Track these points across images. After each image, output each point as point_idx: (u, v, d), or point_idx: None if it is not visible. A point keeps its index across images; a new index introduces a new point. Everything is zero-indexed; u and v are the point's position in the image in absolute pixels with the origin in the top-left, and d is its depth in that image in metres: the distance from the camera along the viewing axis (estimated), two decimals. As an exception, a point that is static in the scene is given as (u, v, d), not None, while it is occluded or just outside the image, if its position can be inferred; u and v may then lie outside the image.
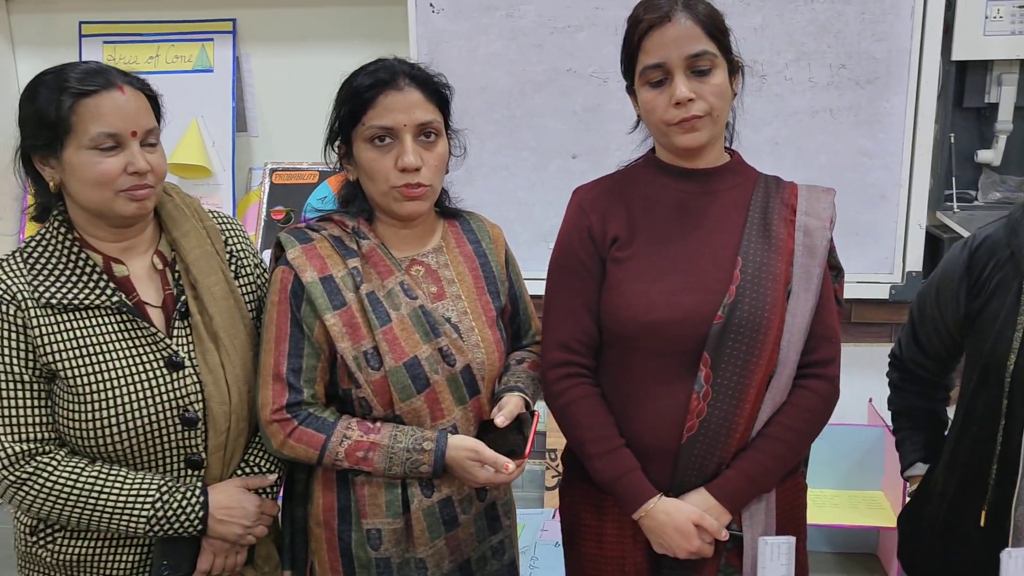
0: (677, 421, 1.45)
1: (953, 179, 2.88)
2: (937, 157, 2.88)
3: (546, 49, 2.89)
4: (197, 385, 1.44)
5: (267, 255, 1.61)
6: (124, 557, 1.46)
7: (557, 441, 3.15)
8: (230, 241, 1.57)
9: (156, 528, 1.40)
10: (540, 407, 1.57)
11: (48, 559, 1.46)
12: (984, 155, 2.87)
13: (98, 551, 1.45)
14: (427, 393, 1.46)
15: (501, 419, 1.45)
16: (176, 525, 1.41)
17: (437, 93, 1.49)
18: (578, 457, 1.53)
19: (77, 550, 1.44)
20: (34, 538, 1.46)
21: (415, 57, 2.94)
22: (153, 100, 1.45)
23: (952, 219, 2.85)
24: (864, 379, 2.91)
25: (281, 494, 1.59)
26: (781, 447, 1.47)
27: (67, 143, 1.37)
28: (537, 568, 2.64)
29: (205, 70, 3.18)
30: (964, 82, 2.83)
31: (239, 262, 1.56)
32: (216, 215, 1.58)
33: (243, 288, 1.55)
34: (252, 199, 3.24)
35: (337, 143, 1.52)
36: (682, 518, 1.43)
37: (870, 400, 3.05)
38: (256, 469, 1.53)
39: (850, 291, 2.95)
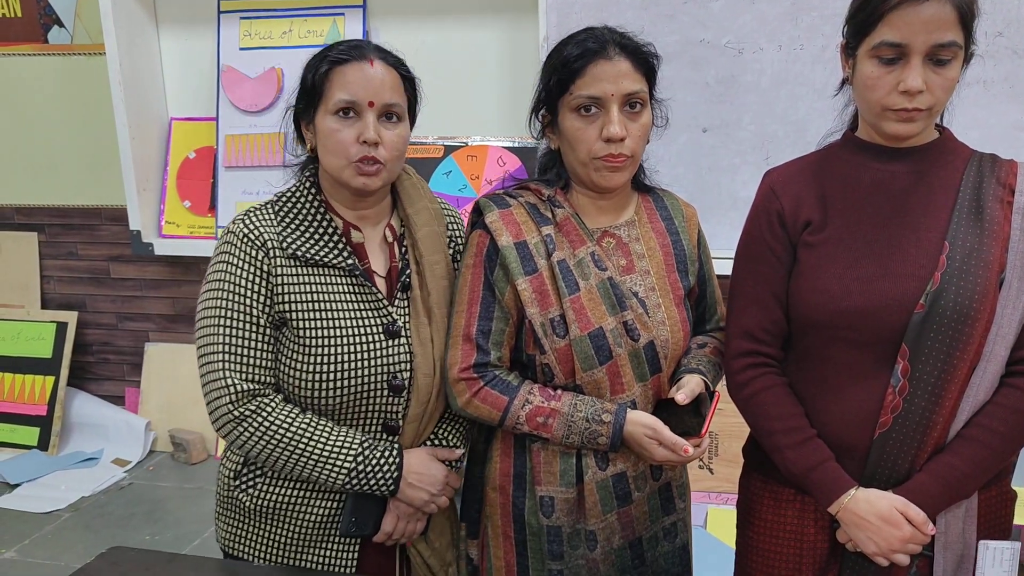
0: (870, 416, 1.37)
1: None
2: (1103, 132, 2.68)
3: (678, 19, 2.82)
4: (408, 355, 1.50)
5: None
6: (317, 508, 1.51)
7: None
8: (450, 226, 1.64)
9: (354, 481, 1.45)
10: (721, 390, 1.53)
11: (248, 503, 1.53)
12: None
13: (294, 499, 1.51)
14: (609, 366, 1.46)
15: (682, 396, 1.44)
16: (372, 482, 1.46)
17: (646, 63, 1.47)
18: (765, 449, 1.46)
19: (275, 496, 1.51)
20: (237, 482, 1.54)
21: (543, 29, 2.92)
22: (408, 81, 1.52)
23: (1118, 199, 2.64)
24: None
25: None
26: (982, 451, 1.34)
27: (319, 107, 1.46)
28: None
29: (336, 45, 3.23)
30: None
31: (456, 247, 1.63)
32: (439, 200, 1.65)
33: (456, 272, 1.61)
34: (378, 172, 3.29)
35: (542, 112, 1.53)
36: (886, 506, 1.35)
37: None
38: (444, 442, 1.57)
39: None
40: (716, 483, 3.01)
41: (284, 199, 1.52)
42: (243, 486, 1.52)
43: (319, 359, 1.44)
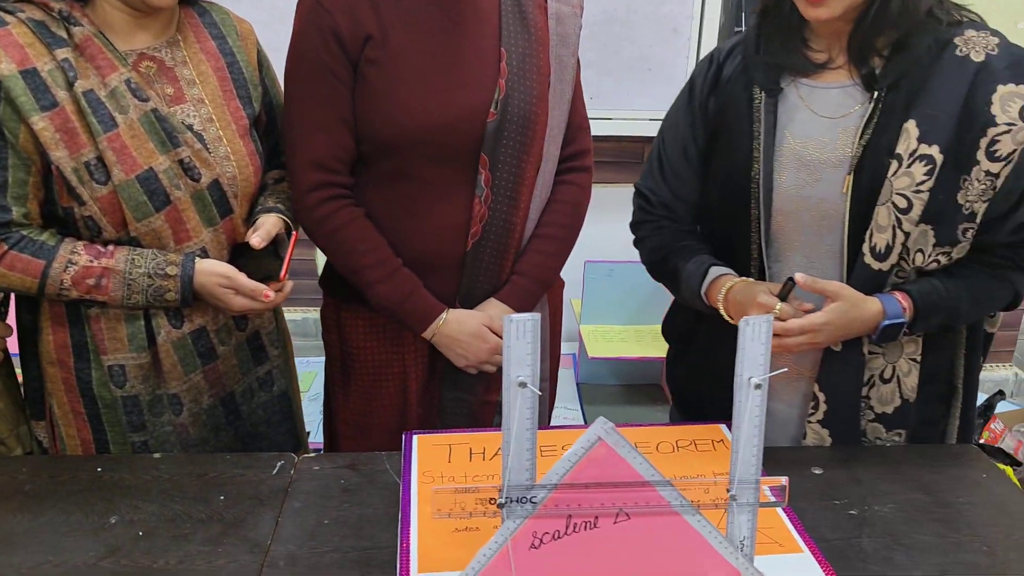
0: (461, 229, 1.40)
1: (743, 15, 2.87)
2: (728, -9, 2.85)
3: None
4: None
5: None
6: None
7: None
8: None
9: None
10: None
11: None
12: (773, -10, 2.86)
13: None
14: (168, 211, 1.30)
15: (257, 239, 1.33)
16: None
17: None
18: (356, 285, 1.43)
19: None
20: None
21: None
22: None
23: (740, 56, 2.85)
24: (653, 217, 2.95)
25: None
26: (557, 245, 1.48)
27: None
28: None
29: None
30: (757, -89, 2.79)
31: None
32: None
33: None
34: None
35: None
36: (474, 324, 1.43)
37: (658, 238, 3.11)
38: None
39: (640, 128, 2.96)
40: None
41: None
42: None
43: None
